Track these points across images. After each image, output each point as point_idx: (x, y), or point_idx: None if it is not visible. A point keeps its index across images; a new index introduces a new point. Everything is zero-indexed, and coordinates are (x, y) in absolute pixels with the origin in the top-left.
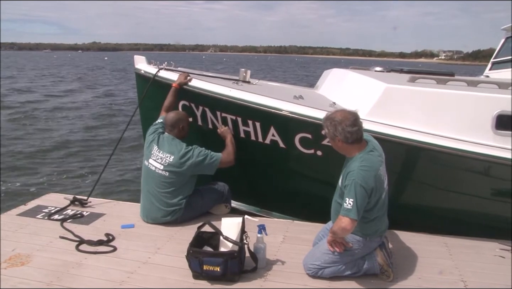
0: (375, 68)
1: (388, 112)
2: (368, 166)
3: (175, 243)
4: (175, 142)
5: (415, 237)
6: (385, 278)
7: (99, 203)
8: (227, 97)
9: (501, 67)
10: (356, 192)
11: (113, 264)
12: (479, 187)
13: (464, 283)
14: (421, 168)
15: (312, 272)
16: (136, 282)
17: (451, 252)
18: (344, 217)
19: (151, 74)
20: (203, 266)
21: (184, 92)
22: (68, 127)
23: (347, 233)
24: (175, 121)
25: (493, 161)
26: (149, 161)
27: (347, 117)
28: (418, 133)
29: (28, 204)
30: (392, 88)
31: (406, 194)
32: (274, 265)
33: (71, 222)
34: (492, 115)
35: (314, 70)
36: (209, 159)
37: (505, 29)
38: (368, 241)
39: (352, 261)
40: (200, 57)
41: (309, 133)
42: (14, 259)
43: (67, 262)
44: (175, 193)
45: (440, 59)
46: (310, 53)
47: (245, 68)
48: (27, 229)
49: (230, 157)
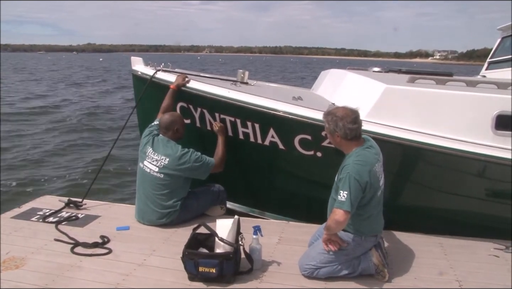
0: (373, 69)
1: (387, 113)
2: (363, 161)
3: (170, 245)
4: (170, 144)
5: (411, 237)
6: (381, 278)
7: (94, 205)
8: (226, 99)
9: (498, 67)
10: (350, 185)
11: (108, 266)
12: (479, 188)
13: (459, 283)
14: (422, 168)
15: (307, 273)
16: (132, 284)
17: (446, 252)
18: (338, 209)
19: (148, 76)
20: (198, 267)
21: (182, 93)
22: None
23: (341, 226)
24: (170, 123)
25: (493, 161)
26: (144, 163)
27: (348, 114)
28: (418, 134)
29: (23, 206)
30: (392, 88)
31: (406, 194)
32: (269, 266)
33: (66, 224)
34: (491, 115)
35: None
36: (205, 165)
37: (501, 29)
38: (363, 240)
39: (347, 260)
40: (196, 58)
41: (308, 135)
42: (9, 262)
43: (62, 265)
44: (170, 195)
45: (435, 59)
46: (306, 53)
47: (243, 69)
48: (22, 232)
49: (222, 163)
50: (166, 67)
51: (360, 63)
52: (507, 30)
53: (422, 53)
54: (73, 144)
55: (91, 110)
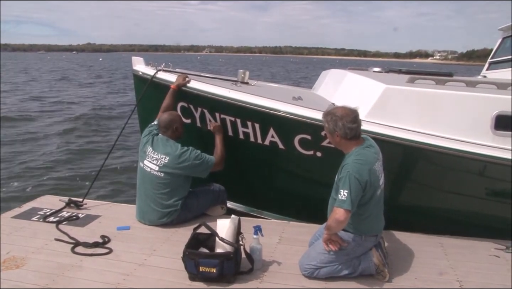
0: (373, 69)
1: (387, 113)
2: (363, 160)
3: (171, 245)
4: (169, 143)
5: (411, 237)
6: (381, 278)
7: (95, 204)
8: (226, 99)
9: (499, 67)
10: (350, 184)
11: (108, 266)
12: (479, 188)
13: (459, 283)
14: (421, 168)
15: (308, 273)
16: (132, 284)
17: (446, 252)
18: (338, 208)
19: (149, 76)
20: (199, 267)
21: (183, 93)
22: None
23: (342, 225)
24: (168, 122)
25: (493, 161)
26: (144, 163)
27: (347, 114)
28: (418, 134)
29: (23, 206)
30: (392, 89)
31: (406, 194)
32: (270, 266)
33: (67, 224)
34: (491, 115)
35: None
36: (205, 163)
37: (502, 29)
38: (363, 240)
39: (347, 260)
40: (196, 58)
41: (308, 135)
42: (9, 261)
43: (62, 265)
44: (170, 194)
45: (435, 59)
46: (305, 53)
47: (243, 70)
48: (22, 232)
49: (222, 161)
50: (167, 67)
51: (360, 64)
52: (508, 30)
53: (422, 54)
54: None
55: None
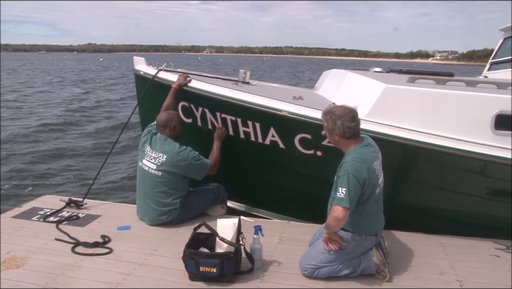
0: (374, 69)
1: (387, 113)
2: (362, 158)
3: (171, 245)
4: (167, 142)
5: (411, 237)
6: (381, 278)
7: (95, 204)
8: (227, 98)
9: (500, 67)
10: (348, 182)
11: (109, 266)
12: (479, 187)
13: (459, 283)
14: (421, 168)
15: (308, 272)
16: (132, 283)
17: (446, 251)
18: (337, 206)
19: (150, 75)
20: (199, 267)
21: (184, 93)
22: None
23: (341, 223)
24: (166, 120)
25: (493, 161)
26: (143, 162)
27: (346, 113)
28: (418, 134)
29: (23, 206)
30: (392, 88)
31: (406, 194)
32: (270, 266)
33: (67, 224)
34: (491, 115)
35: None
36: (203, 165)
37: (504, 30)
38: (363, 239)
39: (348, 260)
40: (196, 58)
41: (309, 134)
42: (9, 261)
43: (62, 264)
44: (169, 192)
45: (436, 60)
46: (306, 53)
47: (244, 69)
48: (22, 231)
49: (216, 166)
50: (168, 67)
51: (360, 64)
52: (509, 31)
53: (422, 54)
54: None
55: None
